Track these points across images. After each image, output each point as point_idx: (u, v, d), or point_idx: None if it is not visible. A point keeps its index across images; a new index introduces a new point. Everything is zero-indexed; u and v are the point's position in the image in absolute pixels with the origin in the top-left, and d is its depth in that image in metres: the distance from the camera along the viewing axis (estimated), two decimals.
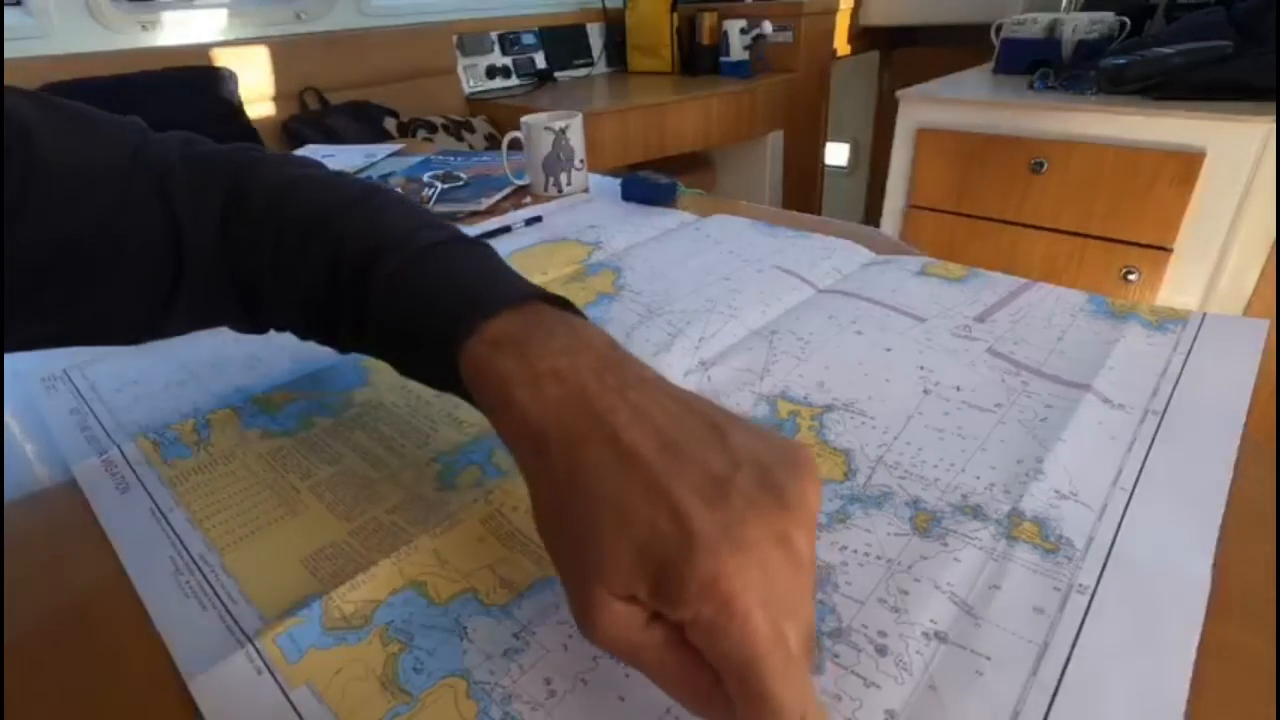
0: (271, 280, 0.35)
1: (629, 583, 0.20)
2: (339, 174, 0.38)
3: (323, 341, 0.37)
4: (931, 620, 0.27)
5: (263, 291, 0.35)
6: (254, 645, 0.27)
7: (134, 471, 0.39)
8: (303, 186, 0.35)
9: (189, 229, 0.34)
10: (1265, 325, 0.44)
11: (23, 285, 0.31)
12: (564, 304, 0.29)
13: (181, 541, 0.34)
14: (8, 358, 0.52)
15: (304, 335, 0.38)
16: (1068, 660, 0.25)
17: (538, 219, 0.77)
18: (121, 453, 0.41)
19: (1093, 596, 0.28)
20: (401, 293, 0.31)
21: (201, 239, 0.34)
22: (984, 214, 1.43)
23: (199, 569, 0.32)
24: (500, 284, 0.30)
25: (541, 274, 0.62)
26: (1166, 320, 0.47)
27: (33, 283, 0.31)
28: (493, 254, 0.34)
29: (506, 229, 0.74)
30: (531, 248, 0.68)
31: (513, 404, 0.24)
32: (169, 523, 0.35)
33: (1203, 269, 1.23)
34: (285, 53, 1.84)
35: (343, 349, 0.37)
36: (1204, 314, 0.47)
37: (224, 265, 0.35)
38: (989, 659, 0.26)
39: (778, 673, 0.19)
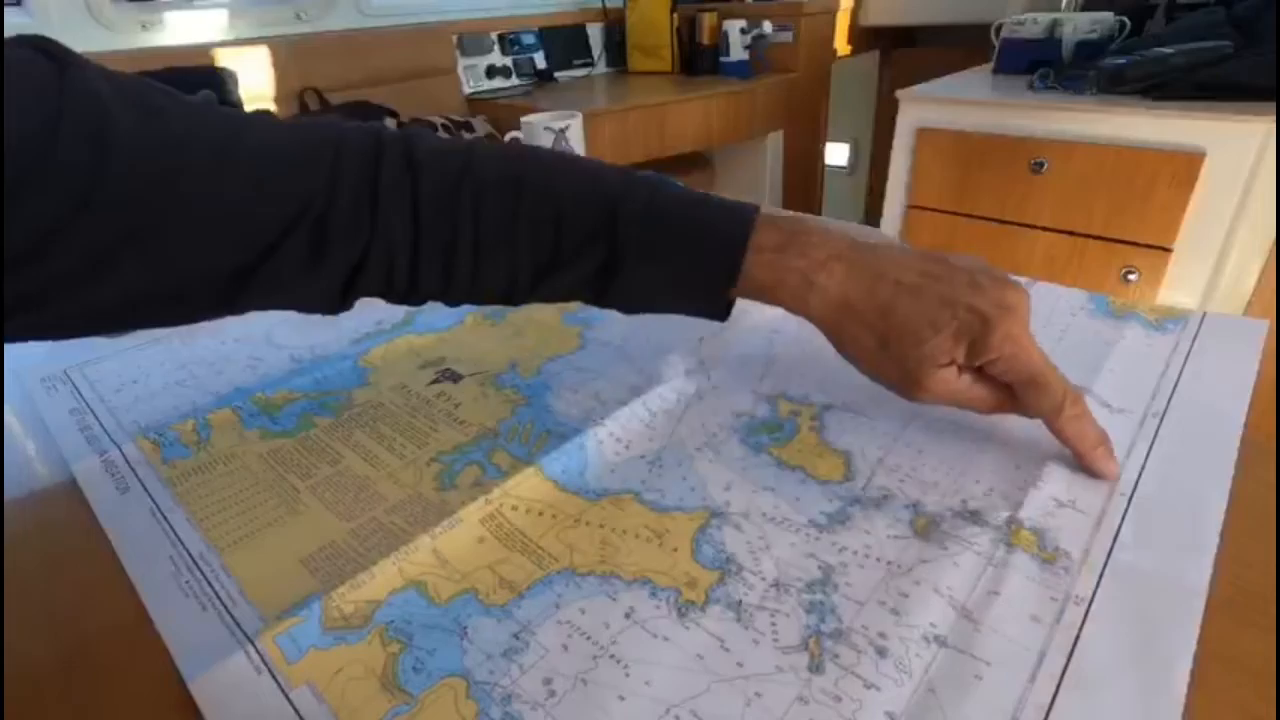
0: (468, 249, 0.36)
1: (950, 355, 0.34)
2: (497, 143, 0.39)
3: (483, 301, 0.39)
4: (931, 624, 0.27)
5: (437, 261, 0.36)
6: (254, 645, 0.27)
7: (134, 471, 0.39)
8: (478, 158, 0.37)
9: (309, 202, 0.33)
10: (1265, 325, 0.44)
11: (100, 247, 0.30)
12: (757, 208, 0.37)
13: (181, 541, 0.34)
14: (8, 358, 0.52)
15: (459, 301, 0.39)
16: (1065, 667, 0.25)
17: None
18: (121, 453, 0.41)
19: (1089, 607, 0.28)
20: (659, 238, 0.36)
21: (325, 211, 0.34)
22: (984, 214, 1.43)
23: (199, 569, 0.32)
24: (725, 205, 0.38)
25: None
26: (1166, 320, 0.47)
27: (108, 246, 0.30)
28: (676, 184, 0.39)
29: None
30: None
31: (816, 287, 0.35)
32: (169, 523, 0.35)
33: (1203, 269, 1.23)
34: (285, 53, 1.84)
35: (518, 302, 0.39)
36: (1204, 314, 0.47)
37: (350, 236, 0.34)
38: (988, 664, 0.26)
39: (1051, 372, 0.34)
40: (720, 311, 0.38)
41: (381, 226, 0.35)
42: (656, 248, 0.36)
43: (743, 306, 0.52)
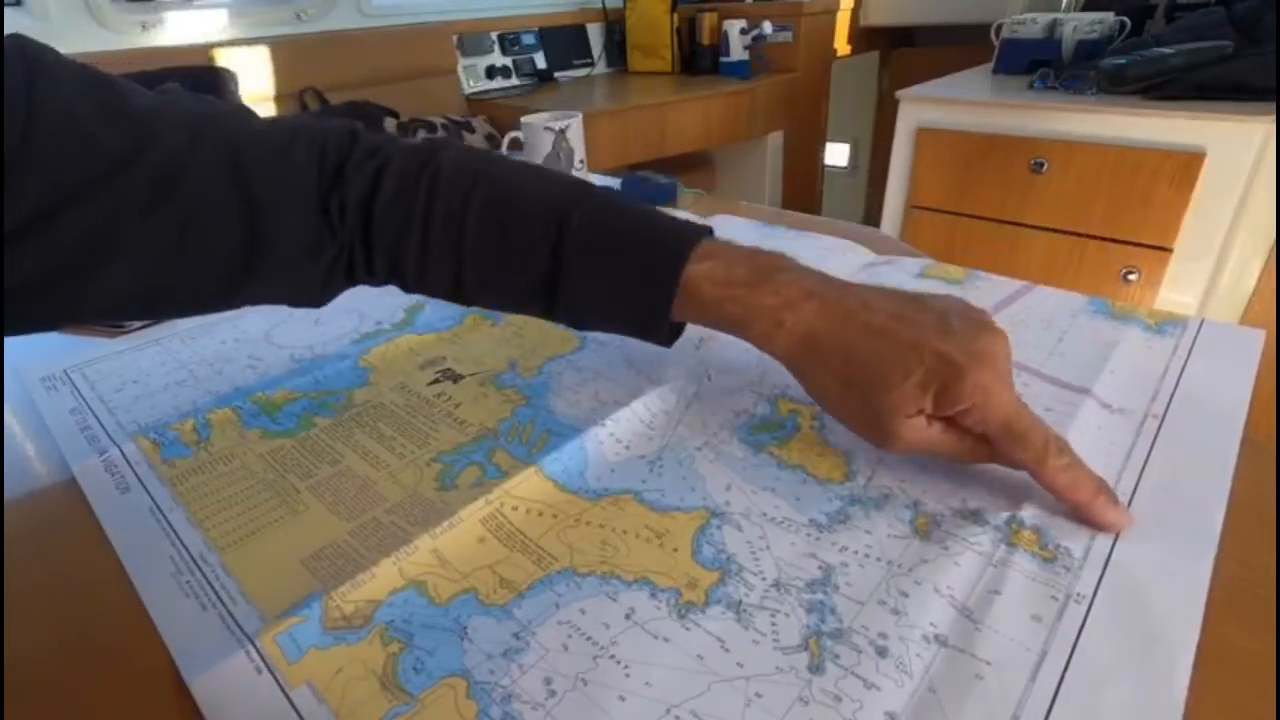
0: (417, 241, 0.37)
1: (918, 404, 0.31)
2: (467, 146, 0.40)
3: (433, 294, 0.40)
4: (931, 624, 0.27)
5: (405, 255, 0.38)
6: (254, 645, 0.27)
7: (134, 471, 0.39)
8: (442, 155, 0.38)
9: (275, 214, 0.35)
10: (1260, 335, 0.44)
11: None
12: (710, 231, 0.38)
13: (181, 541, 0.34)
14: (7, 358, 0.52)
15: (412, 290, 0.40)
16: (1066, 668, 0.25)
17: None
18: (121, 452, 0.41)
19: (1090, 606, 0.28)
20: (601, 249, 0.36)
21: (288, 222, 0.35)
22: (984, 214, 1.43)
23: (199, 569, 0.32)
24: (674, 224, 0.37)
25: None
26: (1165, 323, 0.47)
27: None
28: (633, 202, 0.39)
29: None
30: None
31: (784, 326, 0.34)
32: (169, 522, 0.35)
33: (1203, 269, 1.22)
34: (285, 53, 1.84)
35: (468, 302, 0.40)
36: (1201, 320, 0.46)
37: (333, 234, 0.37)
38: (989, 663, 0.26)
39: (1027, 419, 0.31)
40: (662, 335, 0.38)
41: (344, 214, 0.36)
42: (598, 259, 0.36)
43: None
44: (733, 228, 0.69)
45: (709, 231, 0.37)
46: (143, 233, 0.32)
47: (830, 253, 0.61)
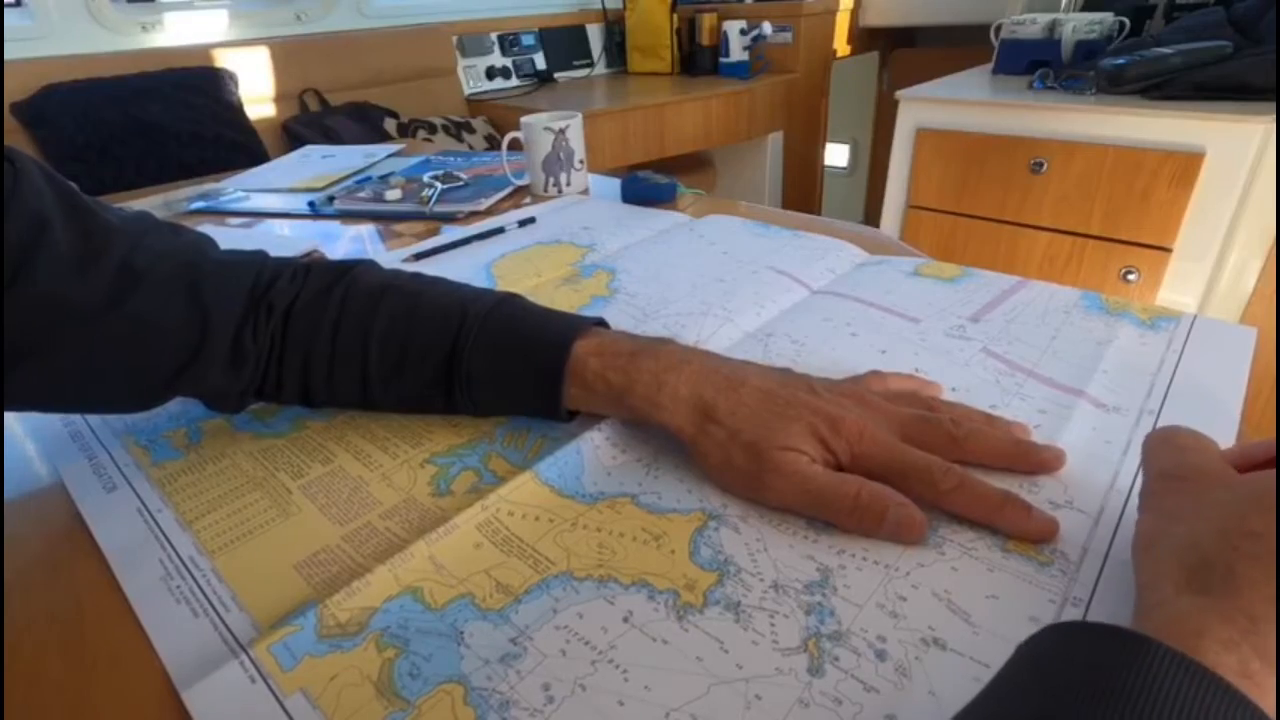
0: (323, 357, 0.41)
1: (805, 447, 0.33)
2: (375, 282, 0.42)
3: (341, 405, 0.44)
4: (930, 627, 0.27)
5: (315, 371, 0.41)
6: (248, 654, 0.27)
7: (122, 473, 0.39)
8: (356, 273, 0.42)
9: (217, 318, 0.38)
10: (1253, 333, 0.43)
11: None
12: (604, 322, 0.41)
13: (171, 543, 0.34)
14: None
15: (321, 405, 0.43)
16: None
17: (531, 220, 0.76)
18: (110, 456, 0.40)
19: (1087, 608, 0.27)
20: (495, 337, 0.39)
21: (227, 328, 0.38)
22: (984, 214, 1.43)
23: (190, 574, 0.32)
24: (567, 316, 0.41)
25: (535, 276, 0.62)
26: (1158, 319, 0.47)
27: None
28: (532, 303, 0.42)
29: (500, 230, 0.74)
30: (526, 250, 0.68)
31: (666, 386, 0.36)
32: (158, 524, 0.35)
33: (1202, 269, 1.22)
34: (286, 54, 1.84)
35: (376, 407, 0.43)
36: (1194, 316, 0.46)
37: (248, 350, 0.39)
38: (988, 666, 0.25)
39: (912, 454, 0.33)
40: (559, 413, 0.39)
41: (270, 318, 0.40)
42: (493, 343, 0.39)
43: (736, 307, 0.52)
44: (732, 228, 0.69)
45: (602, 322, 0.41)
46: (99, 327, 0.35)
47: (823, 252, 0.61)
